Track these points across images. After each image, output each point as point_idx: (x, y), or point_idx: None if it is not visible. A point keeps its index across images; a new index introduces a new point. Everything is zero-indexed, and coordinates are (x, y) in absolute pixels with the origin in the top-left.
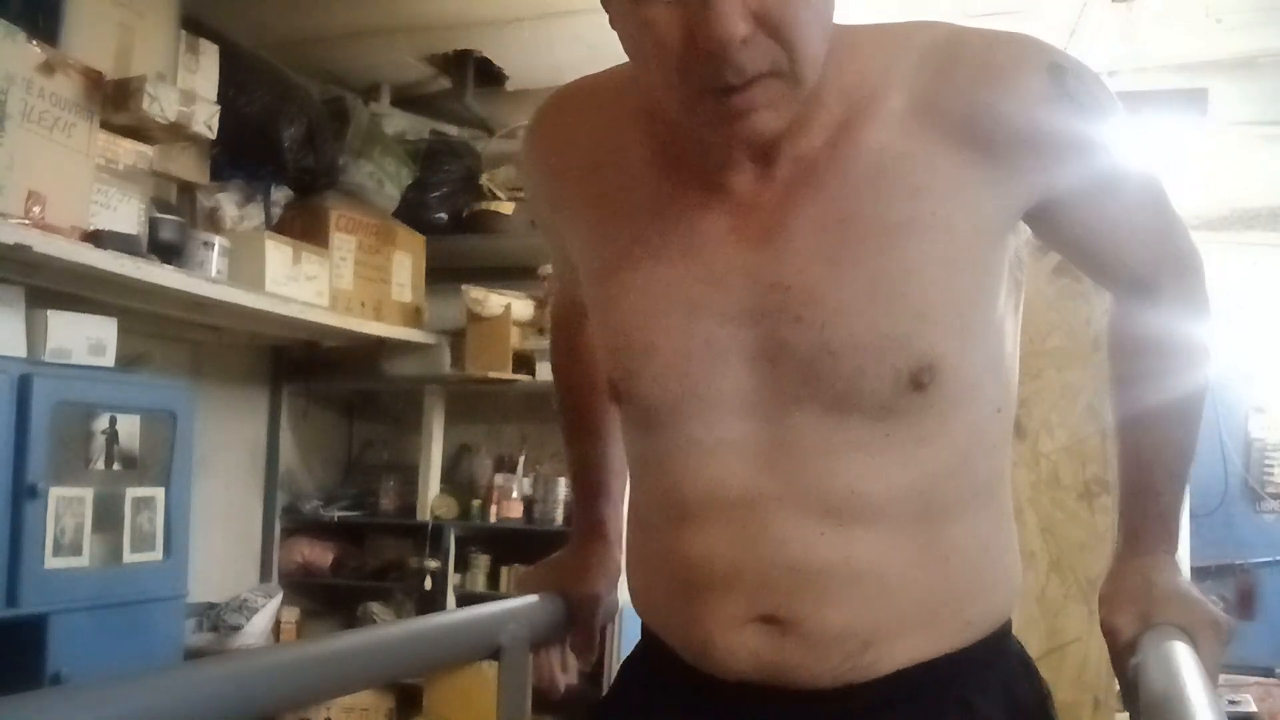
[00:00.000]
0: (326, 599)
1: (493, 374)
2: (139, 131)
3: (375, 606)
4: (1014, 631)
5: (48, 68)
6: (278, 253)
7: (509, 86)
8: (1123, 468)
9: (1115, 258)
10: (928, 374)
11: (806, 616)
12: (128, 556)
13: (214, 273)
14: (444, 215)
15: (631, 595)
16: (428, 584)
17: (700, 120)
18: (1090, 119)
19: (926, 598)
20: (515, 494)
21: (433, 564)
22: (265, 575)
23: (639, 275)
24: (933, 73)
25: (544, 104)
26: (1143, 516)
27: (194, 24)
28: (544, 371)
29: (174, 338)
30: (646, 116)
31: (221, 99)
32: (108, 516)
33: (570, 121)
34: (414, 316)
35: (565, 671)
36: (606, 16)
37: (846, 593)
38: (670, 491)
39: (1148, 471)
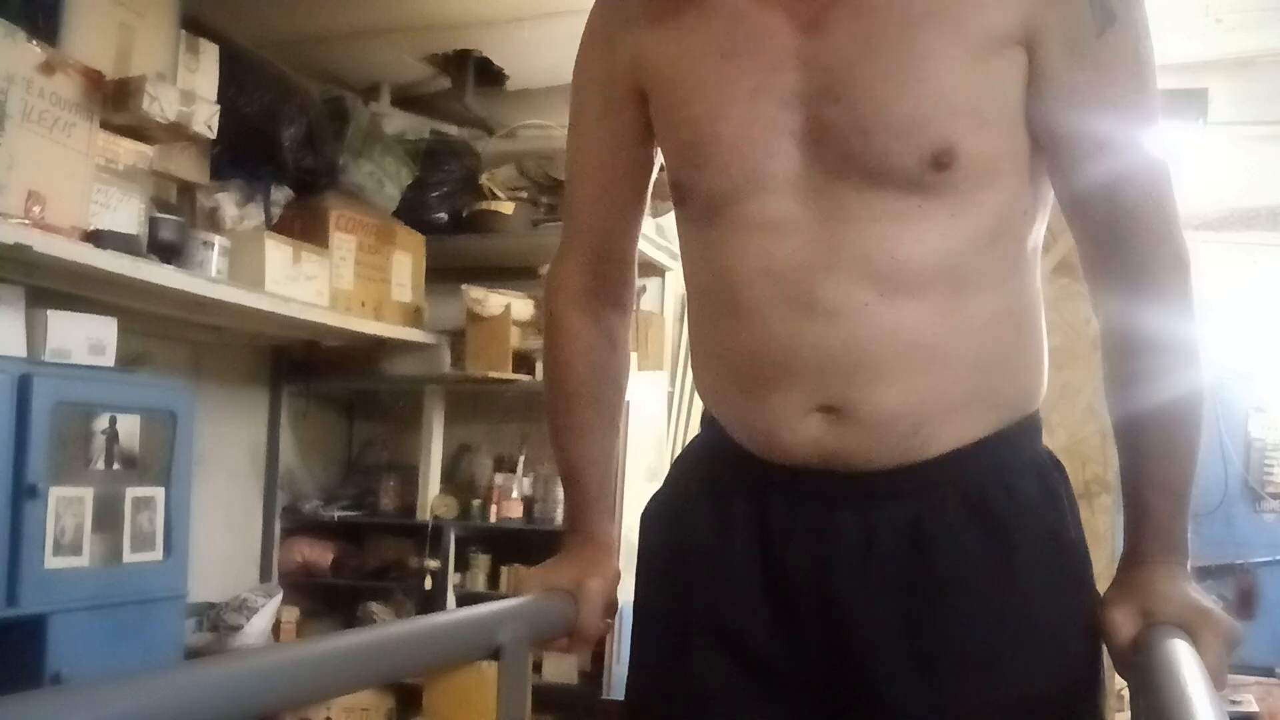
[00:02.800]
0: (326, 599)
1: (493, 374)
2: (139, 131)
3: (375, 606)
4: None
5: (48, 68)
6: (278, 253)
7: (509, 86)
8: (1124, 480)
9: (1084, 134)
10: (947, 155)
11: (862, 402)
12: (128, 556)
13: (214, 273)
14: (444, 215)
15: (700, 392)
16: (428, 584)
17: None
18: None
19: (969, 372)
20: (515, 494)
21: (433, 564)
22: (265, 575)
23: (708, 73)
24: None
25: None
26: (1144, 528)
27: (194, 24)
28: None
29: (174, 338)
30: None
31: (221, 99)
32: (108, 516)
33: None
34: (414, 316)
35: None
36: None
37: (896, 370)
38: (727, 274)
39: (1152, 487)
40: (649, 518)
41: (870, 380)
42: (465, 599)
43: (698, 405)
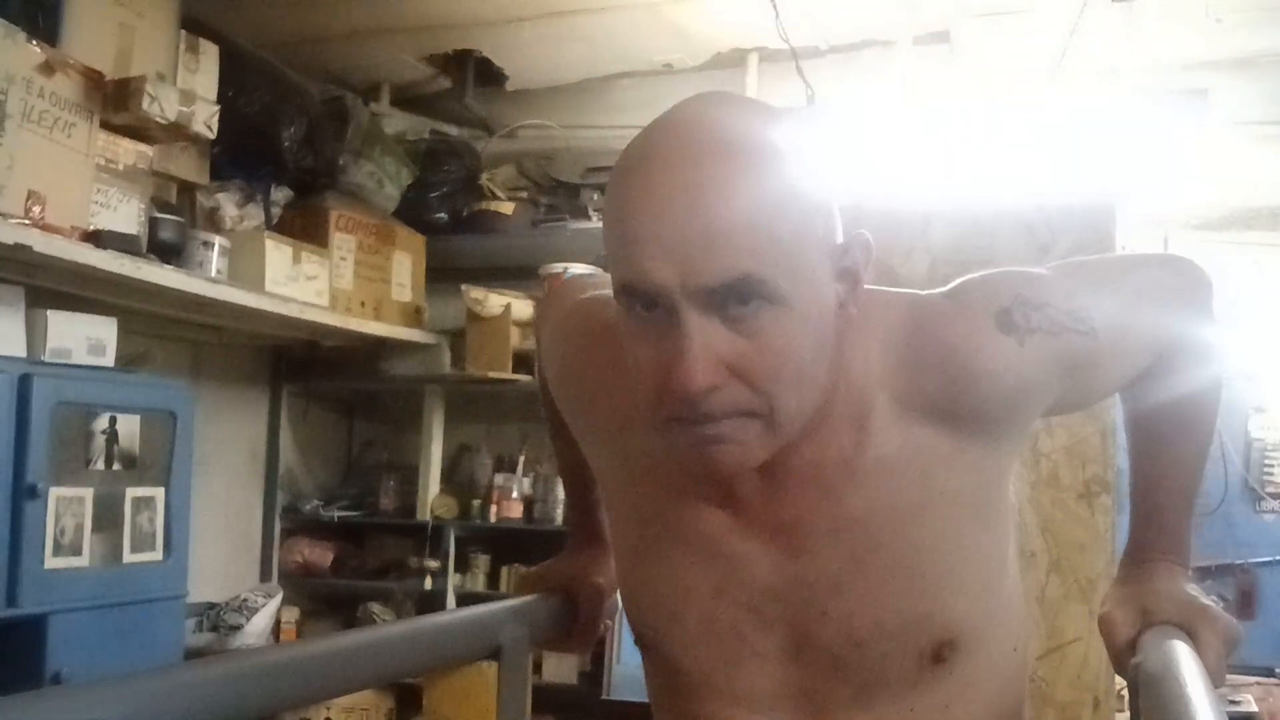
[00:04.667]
0: (326, 599)
1: (493, 374)
2: (139, 131)
3: (375, 606)
4: None
5: (48, 68)
6: (278, 253)
7: (509, 86)
8: (1133, 480)
9: (1133, 383)
10: (949, 647)
11: None
12: (128, 556)
13: (214, 273)
14: (444, 215)
15: None
16: (428, 584)
17: (670, 444)
18: (1053, 334)
19: None
20: (515, 494)
21: (433, 564)
22: (265, 575)
23: (665, 547)
24: (906, 367)
25: (579, 305)
26: (1149, 528)
27: (194, 24)
28: None
29: (174, 338)
30: None
31: (221, 99)
32: (108, 516)
33: (601, 351)
34: (414, 316)
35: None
36: (605, 16)
37: None
38: None
39: (1156, 487)
40: None
41: None
42: (465, 599)
43: None
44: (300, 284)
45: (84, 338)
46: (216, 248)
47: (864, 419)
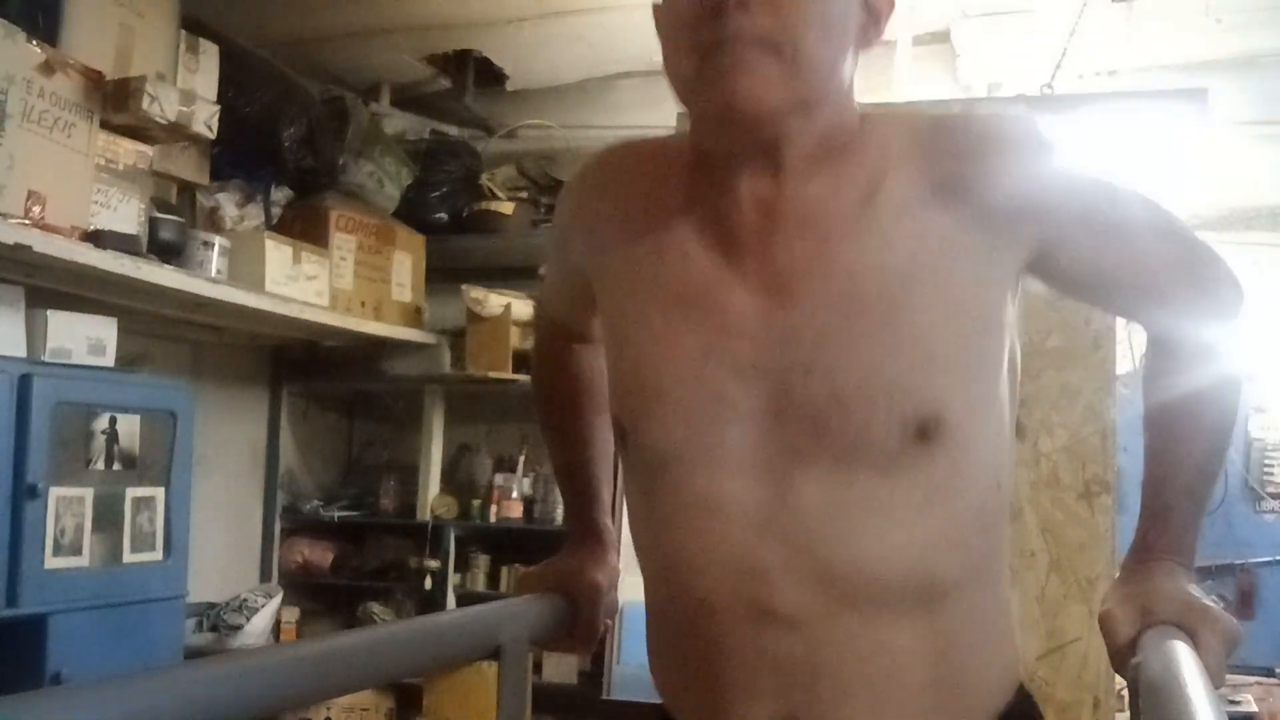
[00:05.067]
0: (326, 599)
1: (493, 374)
2: (139, 131)
3: (375, 606)
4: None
5: (48, 68)
6: (278, 253)
7: (509, 86)
8: (1144, 477)
9: (1134, 289)
10: (933, 424)
11: (825, 715)
12: (128, 556)
13: (214, 273)
14: (444, 215)
15: (656, 684)
16: (428, 584)
17: (697, 93)
18: (1072, 163)
19: (938, 683)
20: (515, 494)
21: (433, 564)
22: (265, 575)
23: (655, 320)
24: (931, 146)
25: (595, 155)
26: (1154, 527)
27: (194, 24)
28: None
29: (174, 338)
30: (686, 173)
31: (221, 99)
32: (108, 516)
33: (616, 173)
34: (414, 316)
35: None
36: (605, 16)
37: (860, 682)
38: (675, 558)
39: (1164, 486)
40: None
41: (833, 694)
42: (465, 599)
43: None
44: (300, 284)
45: (84, 338)
46: (216, 248)
47: (874, 180)
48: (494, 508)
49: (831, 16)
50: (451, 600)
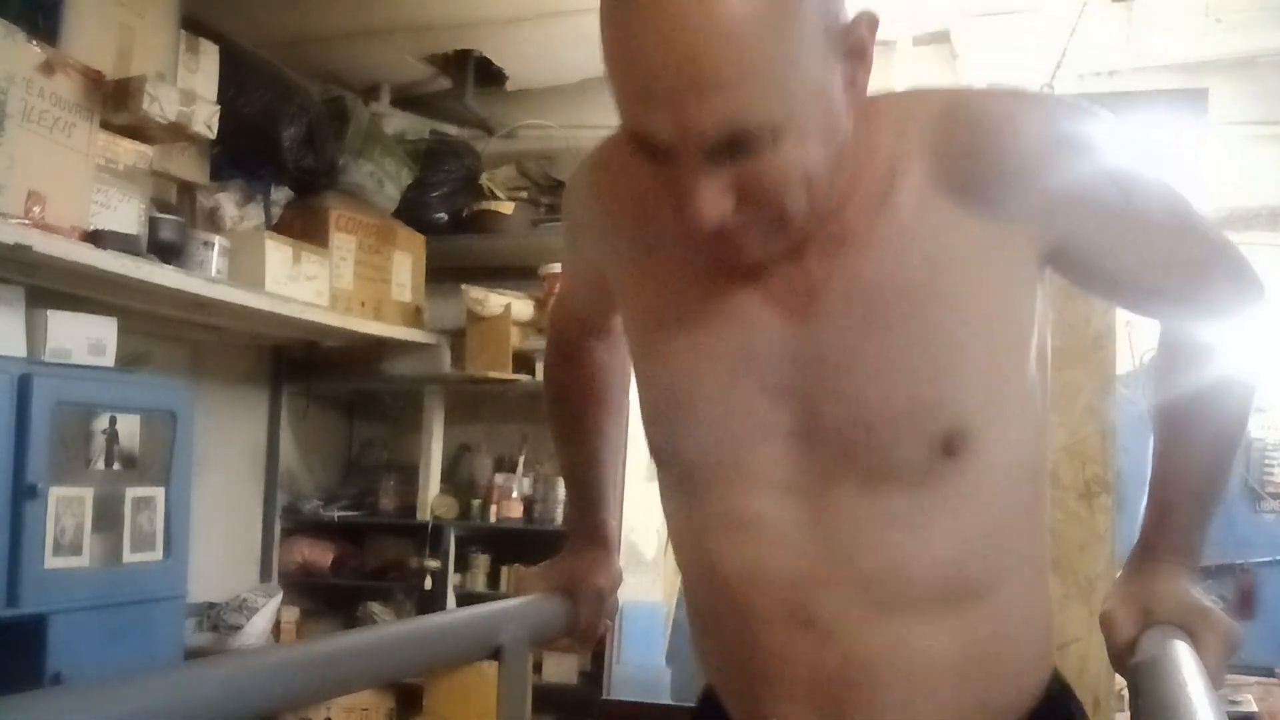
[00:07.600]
0: (326, 599)
1: (493, 374)
2: (139, 131)
3: (375, 606)
4: None
5: (48, 68)
6: (278, 253)
7: (509, 86)
8: (1151, 478)
9: (1152, 286)
10: (959, 438)
11: (859, 718)
12: (128, 556)
13: (214, 273)
14: (444, 215)
15: (701, 669)
16: (428, 584)
17: (693, 240)
18: (1089, 152)
19: (971, 684)
20: (515, 494)
21: (433, 564)
22: (265, 575)
23: (681, 336)
24: (942, 142)
25: (609, 139)
26: (1158, 528)
27: (194, 24)
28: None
29: (174, 338)
30: None
31: (221, 99)
32: (108, 516)
33: (632, 164)
34: (414, 316)
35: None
36: None
37: (895, 685)
38: (715, 570)
39: (1169, 486)
40: None
41: (869, 697)
42: (465, 599)
43: None
44: (300, 284)
45: (84, 338)
46: (216, 248)
47: (888, 191)
48: (494, 508)
49: (812, 161)
50: (451, 600)
